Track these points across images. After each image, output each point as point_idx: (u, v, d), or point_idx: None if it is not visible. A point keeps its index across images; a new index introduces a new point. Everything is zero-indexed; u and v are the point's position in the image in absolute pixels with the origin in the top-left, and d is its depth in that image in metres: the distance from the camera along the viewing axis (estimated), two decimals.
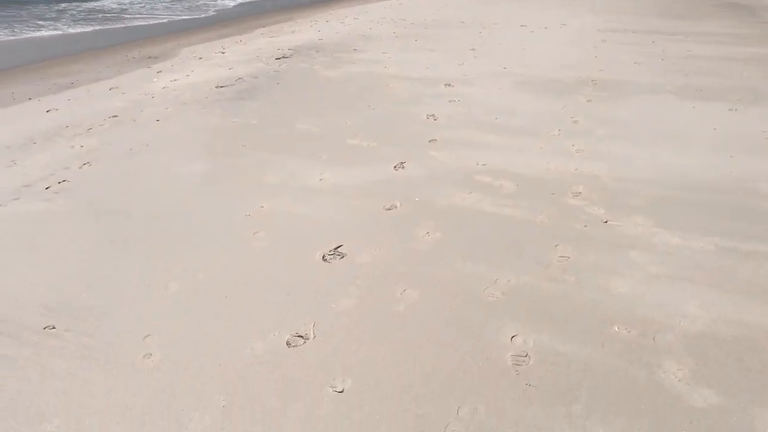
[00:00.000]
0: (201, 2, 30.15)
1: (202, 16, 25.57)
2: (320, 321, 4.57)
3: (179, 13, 26.44)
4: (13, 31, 20.36)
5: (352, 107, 10.19)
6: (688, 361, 4.12)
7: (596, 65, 13.32)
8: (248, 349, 4.27)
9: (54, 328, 4.56)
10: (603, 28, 18.37)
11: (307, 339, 4.38)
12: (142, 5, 28.93)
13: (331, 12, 25.01)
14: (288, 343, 4.33)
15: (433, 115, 9.67)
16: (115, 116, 10.10)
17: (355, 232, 5.90)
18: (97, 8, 27.26)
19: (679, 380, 3.95)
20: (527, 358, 4.18)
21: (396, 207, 6.45)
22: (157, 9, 27.72)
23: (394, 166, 7.55)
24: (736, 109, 9.80)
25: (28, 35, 19.85)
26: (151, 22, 23.56)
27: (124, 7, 28.35)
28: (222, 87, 11.59)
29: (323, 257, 5.49)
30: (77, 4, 28.44)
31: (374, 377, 3.96)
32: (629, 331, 4.49)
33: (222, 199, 6.73)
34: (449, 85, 11.77)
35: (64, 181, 7.27)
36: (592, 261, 5.40)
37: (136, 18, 24.75)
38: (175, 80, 12.86)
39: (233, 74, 12.99)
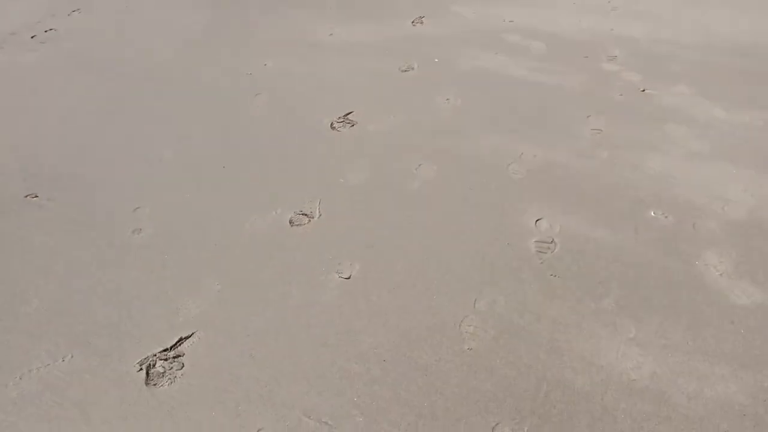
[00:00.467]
0: None
1: None
2: (327, 198, 4.10)
3: None
4: None
5: None
6: (731, 252, 3.66)
7: None
8: (247, 227, 3.85)
9: (36, 196, 4.14)
10: None
11: (312, 218, 3.93)
12: None
13: None
14: (291, 222, 3.88)
15: None
16: None
17: (367, 97, 5.29)
18: None
19: (720, 274, 3.51)
20: (552, 244, 3.72)
21: (413, 69, 5.78)
22: None
23: (412, 22, 6.74)
24: None
25: None
26: None
27: None
28: None
29: (331, 125, 4.93)
30: None
31: (384, 263, 3.55)
32: (666, 217, 3.99)
33: (222, 54, 6.06)
34: None
35: (51, 30, 6.54)
36: (627, 135, 4.82)
37: None
38: None
39: None
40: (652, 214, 4.04)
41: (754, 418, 2.69)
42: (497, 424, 2.66)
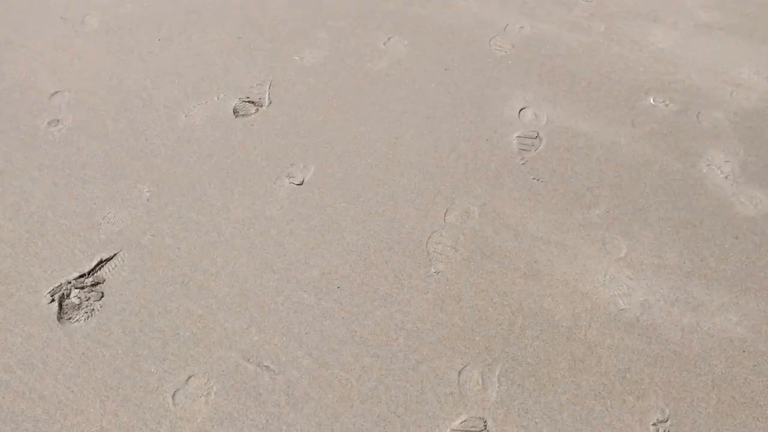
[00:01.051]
0: None
1: None
2: (278, 81, 3.49)
3: None
4: None
5: None
6: (738, 150, 3.18)
7: None
8: (183, 118, 3.25)
9: None
10: None
11: (260, 106, 3.33)
12: None
13: None
14: (235, 112, 3.28)
15: None
16: None
17: None
18: None
19: (726, 177, 3.03)
20: (537, 140, 3.19)
21: None
22: None
23: None
24: None
25: None
26: None
27: None
28: None
29: None
30: None
31: (343, 165, 3.07)
32: (667, 105, 3.45)
33: None
34: None
35: None
36: (628, 3, 4.09)
37: None
38: None
39: None
40: (652, 102, 3.48)
41: (754, 356, 2.34)
42: (464, 366, 2.27)
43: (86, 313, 2.42)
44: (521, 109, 3.43)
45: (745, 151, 3.23)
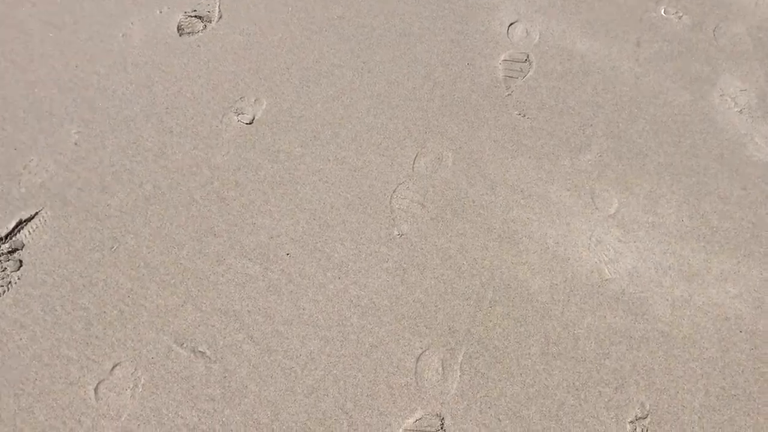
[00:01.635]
0: None
1: None
2: None
3: None
4: None
5: None
6: (758, 75, 2.75)
7: None
8: (120, 38, 2.79)
9: None
10: None
11: (209, 22, 2.86)
12: None
13: None
14: (180, 29, 2.83)
15: None
16: None
17: None
18: None
19: (740, 111, 2.64)
20: (527, 64, 2.74)
21: None
22: None
23: None
24: None
25: None
26: None
27: None
28: None
29: None
30: None
31: (301, 98, 2.73)
32: (680, 17, 2.96)
33: None
34: None
35: None
36: None
37: None
38: None
39: None
40: (663, 13, 2.97)
41: (752, 337, 2.06)
42: (424, 351, 1.99)
43: (1, 286, 2.10)
44: (511, 24, 2.93)
45: (767, 76, 2.75)
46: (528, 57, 2.82)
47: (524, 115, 2.62)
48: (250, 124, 2.55)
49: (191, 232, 2.26)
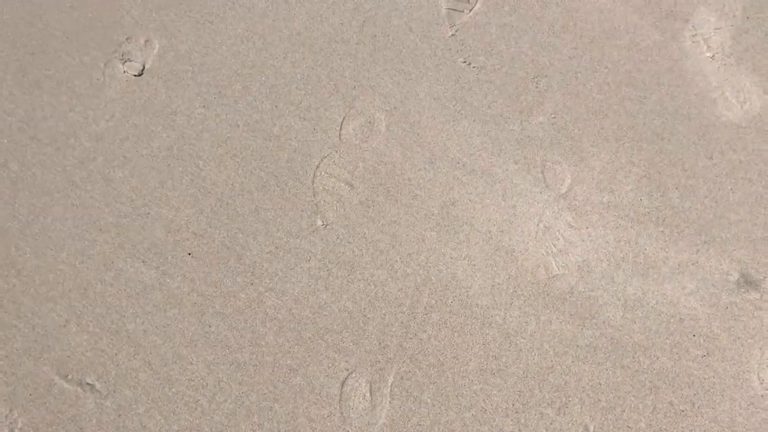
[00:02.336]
0: None
1: None
2: None
3: None
4: None
5: None
6: (735, 9, 2.34)
7: None
8: None
9: None
10: None
11: None
12: None
13: None
14: None
15: None
16: None
17: None
18: None
19: (712, 55, 2.34)
20: (469, 1, 2.28)
21: None
22: None
23: None
24: None
25: None
26: None
27: None
28: None
29: None
30: None
31: (202, 38, 2.35)
32: None
33: None
34: None
35: None
36: None
37: None
38: None
39: None
40: None
41: (705, 341, 1.88)
42: (350, 374, 1.74)
43: None
44: None
45: (744, 9, 2.35)
46: None
47: (470, 64, 2.18)
48: (139, 75, 2.03)
49: (71, 227, 1.83)
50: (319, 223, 1.93)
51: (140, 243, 1.86)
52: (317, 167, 2.00)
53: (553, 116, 2.15)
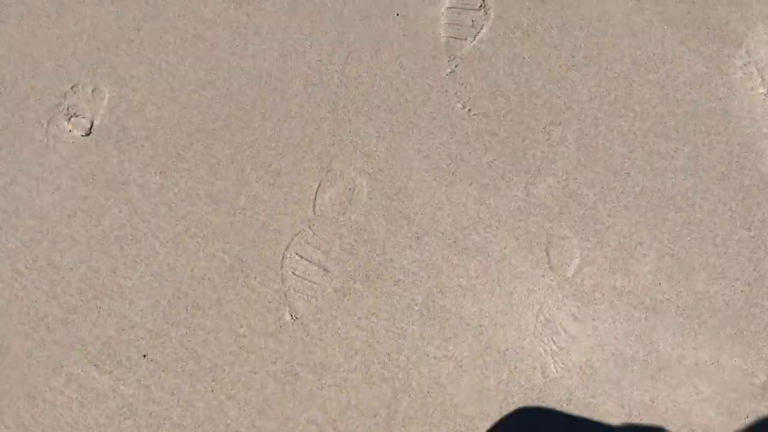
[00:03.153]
0: None
1: None
2: None
3: None
4: None
5: None
6: None
7: None
8: None
9: None
10: None
11: None
12: None
13: None
14: None
15: None
16: None
17: None
18: None
19: (766, 93, 1.87)
20: (481, 12, 2.07)
21: None
22: None
23: None
24: None
25: None
26: None
27: None
28: None
29: None
30: None
31: (156, 82, 2.05)
32: None
33: None
34: None
35: None
36: None
37: None
38: None
39: None
40: None
41: None
42: None
43: None
44: None
45: None
46: (483, 3, 1.87)
47: (469, 110, 1.82)
48: (87, 135, 1.74)
49: (16, 323, 1.63)
50: (288, 317, 1.68)
51: (92, 343, 1.65)
52: (287, 247, 1.72)
53: (564, 177, 1.79)
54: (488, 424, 1.66)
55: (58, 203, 1.75)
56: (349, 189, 1.80)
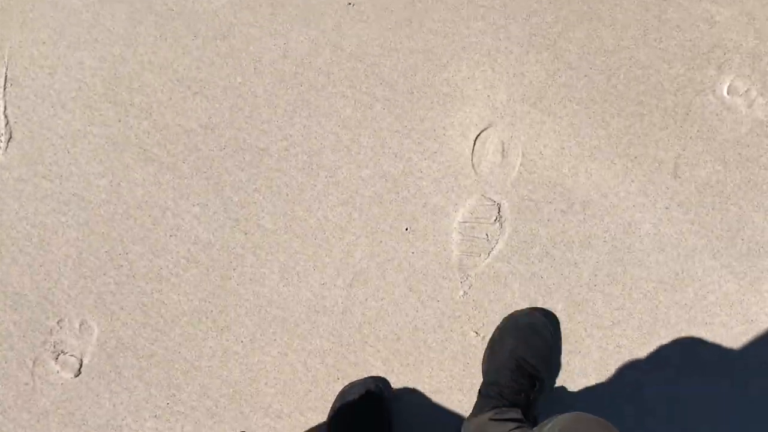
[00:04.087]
0: None
1: None
2: (18, 77, 1.76)
3: None
4: None
5: None
6: None
7: None
8: None
9: None
10: None
11: None
12: None
13: None
14: None
15: None
16: None
17: None
18: None
19: None
20: (496, 224, 1.99)
21: None
22: None
23: None
24: None
25: None
26: None
27: None
28: None
29: None
30: None
31: (149, 315, 1.92)
32: (753, 101, 1.83)
33: None
34: None
35: None
36: None
37: None
38: None
39: None
40: (726, 93, 1.84)
41: None
42: None
43: None
44: (478, 136, 1.75)
45: None
46: (499, 209, 1.71)
47: (483, 337, 1.68)
48: (77, 376, 1.61)
49: None
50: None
51: None
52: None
53: None
54: None
55: None
56: None
